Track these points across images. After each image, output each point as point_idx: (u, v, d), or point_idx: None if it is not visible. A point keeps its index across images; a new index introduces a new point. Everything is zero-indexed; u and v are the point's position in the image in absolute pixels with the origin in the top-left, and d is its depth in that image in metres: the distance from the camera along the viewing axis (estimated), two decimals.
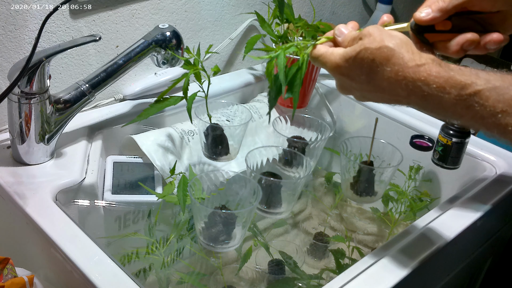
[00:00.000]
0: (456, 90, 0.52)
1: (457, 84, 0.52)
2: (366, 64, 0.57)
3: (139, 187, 0.83)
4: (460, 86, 0.52)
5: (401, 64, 0.55)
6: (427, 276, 0.73)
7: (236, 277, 0.85)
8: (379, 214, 1.00)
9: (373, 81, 0.57)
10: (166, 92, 0.84)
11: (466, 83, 0.52)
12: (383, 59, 0.56)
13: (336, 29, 0.63)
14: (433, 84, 0.53)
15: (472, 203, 0.80)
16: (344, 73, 0.60)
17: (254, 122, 1.01)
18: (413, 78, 0.54)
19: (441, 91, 0.53)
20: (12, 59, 0.81)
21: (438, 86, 0.53)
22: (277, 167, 0.88)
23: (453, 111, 0.53)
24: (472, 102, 0.52)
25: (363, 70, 0.57)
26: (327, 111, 1.15)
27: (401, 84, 0.55)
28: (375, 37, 0.57)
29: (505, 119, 0.50)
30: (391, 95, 0.57)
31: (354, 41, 0.59)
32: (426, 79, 0.53)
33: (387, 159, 0.86)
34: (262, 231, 0.91)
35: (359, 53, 0.57)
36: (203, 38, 1.07)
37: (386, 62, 0.55)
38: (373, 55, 0.56)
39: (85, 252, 0.64)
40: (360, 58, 0.57)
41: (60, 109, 0.78)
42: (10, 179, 0.75)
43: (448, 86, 0.52)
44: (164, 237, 0.77)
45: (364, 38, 0.57)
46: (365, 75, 0.58)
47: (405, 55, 0.55)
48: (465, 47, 0.59)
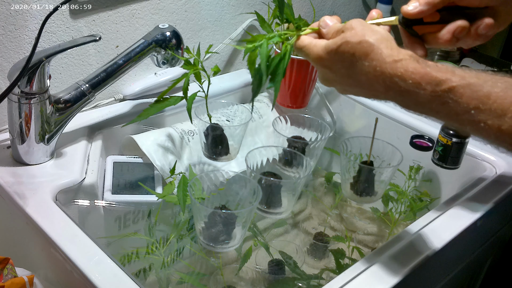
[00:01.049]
0: (431, 86, 0.52)
1: (433, 80, 0.52)
2: (347, 58, 0.57)
3: (139, 187, 0.83)
4: (435, 82, 0.52)
5: (379, 60, 0.55)
6: (427, 276, 0.73)
7: (236, 277, 0.85)
8: (379, 214, 1.00)
9: (353, 75, 0.58)
10: (166, 92, 0.84)
11: (441, 79, 0.52)
12: (362, 54, 0.56)
13: (321, 21, 0.64)
14: (409, 80, 0.53)
15: (472, 203, 0.80)
16: (326, 65, 0.60)
17: (254, 122, 1.01)
18: (390, 73, 0.54)
19: (417, 87, 0.53)
20: (12, 59, 0.81)
21: (414, 82, 0.53)
22: (277, 167, 0.88)
23: (429, 107, 0.54)
24: (446, 99, 0.52)
25: (344, 64, 0.58)
26: (327, 111, 1.14)
27: (379, 80, 0.55)
28: (356, 31, 0.57)
29: (478, 116, 0.50)
30: (370, 90, 0.58)
31: (337, 33, 0.59)
32: (403, 75, 0.54)
33: (387, 159, 0.86)
34: (262, 231, 0.91)
35: (340, 47, 0.57)
36: (203, 38, 1.07)
37: (365, 57, 0.56)
38: (353, 49, 0.56)
39: (85, 252, 0.64)
40: (341, 51, 0.57)
41: (60, 109, 0.78)
42: (10, 179, 0.75)
43: (423, 82, 0.53)
44: (164, 237, 0.77)
45: (346, 31, 0.58)
46: (345, 69, 0.58)
47: (383, 50, 0.55)
48: (456, 34, 0.59)
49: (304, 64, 0.98)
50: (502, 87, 0.50)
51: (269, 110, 1.05)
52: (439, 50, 1.33)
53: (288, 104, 1.04)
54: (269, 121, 1.01)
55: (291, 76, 0.99)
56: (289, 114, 0.97)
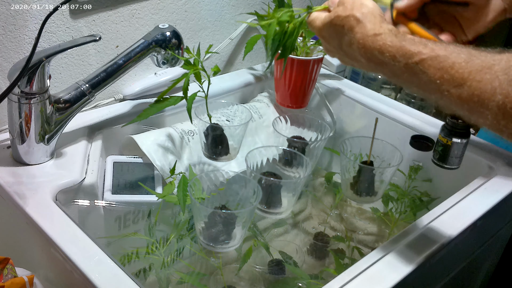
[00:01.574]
0: (404, 59, 0.55)
1: (406, 53, 0.55)
2: (338, 30, 0.62)
3: (139, 187, 0.83)
4: (408, 55, 0.55)
5: (363, 33, 0.59)
6: (427, 276, 0.73)
7: (236, 277, 0.85)
8: (379, 214, 1.00)
9: (343, 47, 0.62)
10: (166, 92, 0.84)
11: (413, 52, 0.55)
12: (349, 27, 0.60)
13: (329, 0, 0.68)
14: (387, 53, 0.57)
15: (472, 203, 0.80)
16: (323, 36, 0.65)
17: (254, 122, 1.01)
18: (370, 46, 0.58)
19: (393, 59, 0.56)
20: (12, 59, 0.81)
21: (391, 55, 0.56)
22: (277, 167, 0.88)
23: (404, 78, 0.57)
24: (417, 70, 0.55)
25: (336, 36, 0.63)
26: (327, 111, 1.15)
27: (361, 52, 0.59)
28: (346, 5, 0.61)
29: (442, 86, 0.53)
30: (356, 61, 0.62)
31: (335, 8, 0.64)
32: (381, 48, 0.57)
33: (387, 159, 0.86)
34: (262, 231, 0.91)
35: (333, 20, 0.62)
36: (203, 38, 1.07)
37: (352, 30, 0.60)
38: (343, 22, 0.61)
39: (85, 252, 0.64)
40: (334, 24, 0.62)
41: (60, 109, 0.78)
42: (10, 179, 0.75)
43: (398, 55, 0.56)
44: (164, 237, 0.77)
45: (340, 5, 0.62)
46: (337, 40, 0.63)
47: (367, 24, 0.59)
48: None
49: (304, 64, 0.98)
50: (464, 57, 0.52)
51: (269, 110, 1.05)
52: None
53: (288, 104, 1.04)
54: (269, 121, 1.01)
55: (291, 76, 0.99)
56: (289, 114, 0.97)
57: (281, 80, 1.02)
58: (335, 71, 1.20)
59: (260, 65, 1.19)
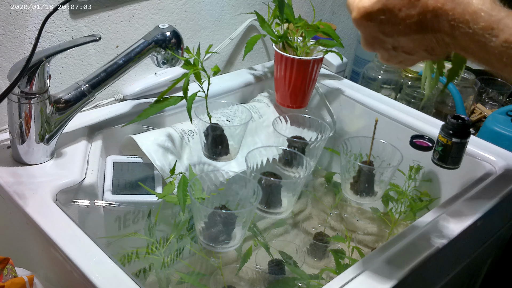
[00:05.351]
0: (504, 34, 0.46)
1: (508, 28, 0.46)
2: (400, 2, 0.51)
3: (139, 187, 0.83)
4: (511, 31, 0.46)
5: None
6: (427, 276, 0.73)
7: (236, 277, 0.85)
8: (379, 214, 1.00)
9: (414, 16, 0.51)
10: (166, 92, 0.84)
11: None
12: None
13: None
14: (482, 22, 0.47)
15: (472, 203, 0.80)
16: (373, 18, 0.53)
17: (254, 122, 1.01)
18: (462, 10, 0.48)
19: (489, 32, 0.47)
20: (12, 59, 0.81)
21: (486, 25, 0.47)
22: (277, 167, 0.88)
23: (498, 58, 0.47)
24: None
25: (402, 7, 0.51)
26: (327, 111, 1.15)
27: (448, 16, 0.49)
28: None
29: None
30: (433, 32, 0.51)
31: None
32: (475, 15, 0.47)
33: (387, 159, 0.86)
34: (262, 231, 0.91)
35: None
36: (203, 38, 1.07)
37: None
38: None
39: (85, 252, 0.64)
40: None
41: (60, 109, 0.78)
42: (10, 179, 0.75)
43: (497, 28, 0.47)
44: (164, 237, 0.77)
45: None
46: (405, 9, 0.51)
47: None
48: None
49: (304, 64, 0.98)
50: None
51: (269, 110, 1.05)
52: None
53: (288, 104, 1.04)
54: (269, 121, 1.01)
55: (291, 76, 0.99)
56: (289, 114, 0.97)
57: (281, 80, 1.02)
58: (335, 71, 1.20)
59: (260, 65, 1.19)
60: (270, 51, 1.24)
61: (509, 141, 1.07)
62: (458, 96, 1.18)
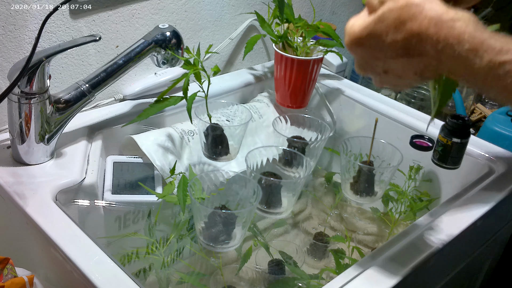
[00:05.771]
0: (488, 54, 0.47)
1: (492, 48, 0.47)
2: (390, 24, 0.51)
3: (139, 187, 0.83)
4: (495, 51, 0.47)
5: (434, 18, 0.49)
6: (427, 276, 0.73)
7: (236, 277, 0.85)
8: (379, 214, 1.00)
9: (399, 41, 0.52)
10: (166, 92, 0.84)
11: (502, 49, 0.47)
12: (409, 17, 0.50)
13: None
14: (466, 44, 0.48)
15: (472, 203, 0.80)
16: (364, 44, 0.54)
17: (254, 122, 1.01)
18: (446, 34, 0.49)
19: (474, 53, 0.48)
20: (12, 59, 0.81)
21: (471, 47, 0.48)
22: (277, 167, 0.88)
23: (484, 79, 0.48)
24: (504, 72, 0.47)
25: (386, 35, 0.52)
26: (327, 111, 1.15)
27: (432, 40, 0.49)
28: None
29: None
30: (420, 56, 0.52)
31: (378, 5, 0.54)
32: (460, 37, 0.48)
33: (387, 159, 0.86)
34: (262, 231, 0.91)
35: (381, 16, 0.52)
36: (203, 38, 1.07)
37: (414, 18, 0.50)
38: (398, 13, 0.51)
39: (85, 252, 0.64)
40: (383, 21, 0.52)
41: (60, 109, 0.78)
42: (10, 179, 0.75)
43: (481, 49, 0.47)
44: (164, 237, 0.77)
45: (387, 1, 0.52)
46: (391, 35, 0.52)
47: (436, 8, 0.49)
48: None
49: (304, 64, 0.98)
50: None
51: (269, 110, 1.05)
52: None
53: (288, 104, 1.04)
54: (269, 121, 1.01)
55: (291, 76, 0.99)
56: (289, 114, 0.97)
57: (281, 80, 1.02)
58: (335, 71, 1.20)
59: (260, 65, 1.19)
60: (270, 51, 1.24)
61: (509, 141, 1.08)
62: (458, 96, 1.18)
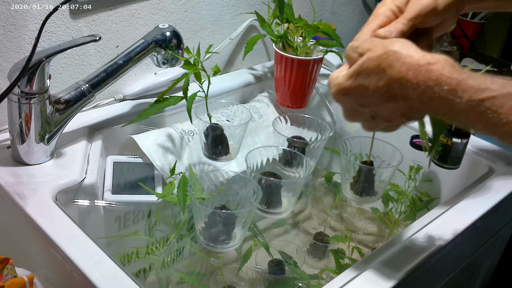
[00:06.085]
0: (467, 94, 0.49)
1: (469, 87, 0.49)
2: (372, 72, 0.54)
3: (139, 187, 0.83)
4: (473, 90, 0.49)
5: (412, 63, 0.52)
6: (427, 276, 0.73)
7: (236, 277, 0.85)
8: (379, 214, 1.00)
9: (382, 88, 0.54)
10: (166, 92, 0.84)
11: (480, 87, 0.49)
12: (388, 64, 0.53)
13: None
14: (445, 86, 0.50)
15: (472, 203, 0.80)
16: (349, 92, 0.57)
17: (254, 122, 1.01)
18: (424, 77, 0.51)
19: (452, 93, 0.50)
20: (12, 59, 0.81)
21: (450, 88, 0.50)
22: (277, 167, 0.88)
23: (466, 116, 0.50)
24: (484, 109, 0.48)
25: (369, 83, 0.55)
26: (327, 111, 1.15)
27: (412, 84, 0.52)
28: (375, 48, 0.54)
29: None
30: (403, 100, 0.54)
31: (357, 58, 0.57)
32: (438, 80, 0.50)
33: (387, 159, 0.86)
34: (262, 231, 0.91)
35: (362, 65, 0.55)
36: (203, 38, 1.07)
37: (394, 64, 0.53)
38: (378, 61, 0.53)
39: (85, 252, 0.64)
40: (364, 70, 0.55)
41: (60, 109, 0.78)
42: (10, 179, 0.75)
43: (460, 89, 0.49)
44: (164, 237, 0.77)
45: (365, 52, 0.55)
46: (373, 84, 0.54)
47: (413, 54, 0.52)
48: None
49: (304, 64, 0.98)
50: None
51: (269, 110, 1.05)
52: (439, 50, 1.33)
53: (288, 104, 1.04)
54: (269, 121, 1.01)
55: (291, 76, 0.99)
56: (289, 114, 0.97)
57: (281, 80, 1.02)
58: None
59: (260, 65, 1.19)
60: (270, 51, 1.24)
61: None
62: None
